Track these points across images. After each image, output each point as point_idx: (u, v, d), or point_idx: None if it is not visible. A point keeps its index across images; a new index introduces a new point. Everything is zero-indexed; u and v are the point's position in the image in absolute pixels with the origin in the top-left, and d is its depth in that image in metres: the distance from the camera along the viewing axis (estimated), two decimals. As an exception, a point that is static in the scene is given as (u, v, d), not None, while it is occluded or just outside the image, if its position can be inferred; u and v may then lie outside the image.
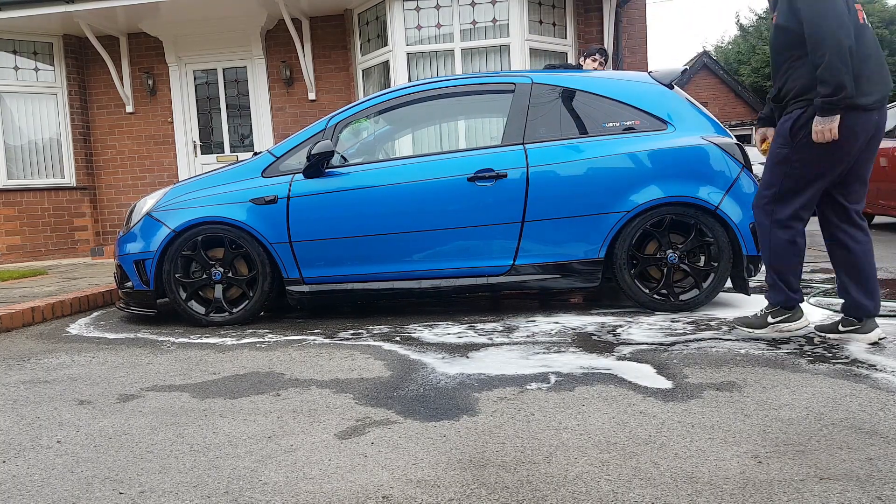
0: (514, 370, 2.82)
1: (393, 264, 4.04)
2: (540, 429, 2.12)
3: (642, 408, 2.28)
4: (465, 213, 3.94)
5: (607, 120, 3.99)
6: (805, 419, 2.12)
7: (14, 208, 8.65)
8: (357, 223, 4.01)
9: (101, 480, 1.89)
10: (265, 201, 4.04)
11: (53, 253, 8.90)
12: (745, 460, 1.84)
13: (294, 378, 2.87)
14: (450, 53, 7.82)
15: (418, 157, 4.15)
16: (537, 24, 7.86)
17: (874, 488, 1.64)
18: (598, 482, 1.74)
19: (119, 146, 9.18)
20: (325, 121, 4.23)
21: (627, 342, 3.23)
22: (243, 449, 2.07)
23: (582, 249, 3.92)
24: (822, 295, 4.23)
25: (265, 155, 4.24)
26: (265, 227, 4.03)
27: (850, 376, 2.53)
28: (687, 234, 3.89)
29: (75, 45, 8.97)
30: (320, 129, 4.19)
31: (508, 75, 4.28)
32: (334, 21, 8.60)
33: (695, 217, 3.84)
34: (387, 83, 8.09)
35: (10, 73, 8.72)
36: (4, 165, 8.67)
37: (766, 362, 2.77)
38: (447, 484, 1.76)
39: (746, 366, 2.74)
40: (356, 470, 1.88)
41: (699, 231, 3.85)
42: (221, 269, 4.09)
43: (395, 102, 4.26)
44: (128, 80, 9.00)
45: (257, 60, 8.77)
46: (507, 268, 3.99)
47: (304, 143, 4.17)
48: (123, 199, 9.24)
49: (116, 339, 3.92)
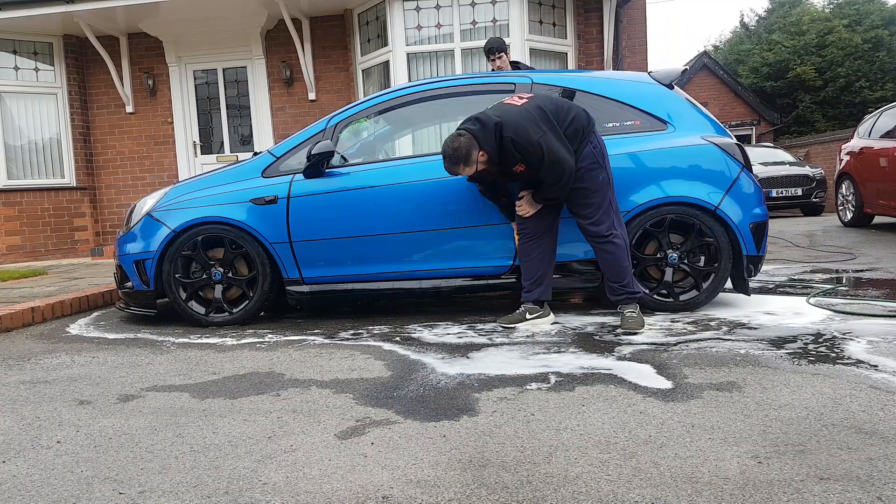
0: (514, 370, 2.82)
1: (393, 264, 4.04)
2: (540, 429, 2.12)
3: (642, 408, 2.28)
4: (465, 213, 3.94)
5: (607, 120, 3.98)
6: (805, 419, 2.12)
7: (14, 208, 8.64)
8: (357, 223, 4.01)
9: (101, 480, 1.89)
10: (265, 201, 4.04)
11: (53, 253, 8.90)
12: (745, 460, 1.84)
13: (294, 378, 2.87)
14: (450, 53, 7.82)
15: (418, 158, 4.15)
16: (537, 24, 7.86)
17: (874, 488, 1.64)
18: (598, 482, 1.74)
19: (119, 146, 9.18)
20: (325, 121, 4.23)
21: (627, 342, 3.23)
22: (243, 449, 2.07)
23: (582, 249, 3.91)
24: (821, 295, 4.23)
25: (265, 155, 4.24)
26: (265, 227, 4.03)
27: (851, 376, 2.53)
28: (687, 235, 3.89)
29: (75, 45, 8.97)
30: (320, 130, 4.19)
31: (508, 75, 4.28)
32: (334, 21, 8.60)
33: (695, 217, 3.83)
34: (387, 83, 8.09)
35: (11, 73, 8.72)
36: (4, 165, 8.67)
37: (766, 362, 2.77)
38: (447, 484, 1.76)
39: (746, 366, 2.74)
40: (356, 470, 1.88)
41: (699, 231, 3.85)
42: (221, 269, 4.09)
43: (396, 102, 4.26)
44: (128, 80, 9.00)
45: (257, 60, 8.77)
46: (507, 268, 3.98)
47: (304, 144, 4.17)
48: (123, 199, 9.23)
49: (116, 339, 3.92)
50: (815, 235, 8.19)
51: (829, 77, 21.68)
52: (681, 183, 3.86)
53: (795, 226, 9.77)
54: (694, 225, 3.84)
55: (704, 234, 3.85)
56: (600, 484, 1.73)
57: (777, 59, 22.59)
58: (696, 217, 3.84)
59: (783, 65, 22.46)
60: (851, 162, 8.71)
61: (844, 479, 1.70)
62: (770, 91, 23.05)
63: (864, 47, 21.50)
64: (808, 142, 18.07)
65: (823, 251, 6.58)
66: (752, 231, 3.86)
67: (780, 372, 2.63)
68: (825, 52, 21.84)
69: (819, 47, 22.04)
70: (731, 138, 4.01)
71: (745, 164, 3.94)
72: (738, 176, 3.89)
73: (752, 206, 3.91)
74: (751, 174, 3.95)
